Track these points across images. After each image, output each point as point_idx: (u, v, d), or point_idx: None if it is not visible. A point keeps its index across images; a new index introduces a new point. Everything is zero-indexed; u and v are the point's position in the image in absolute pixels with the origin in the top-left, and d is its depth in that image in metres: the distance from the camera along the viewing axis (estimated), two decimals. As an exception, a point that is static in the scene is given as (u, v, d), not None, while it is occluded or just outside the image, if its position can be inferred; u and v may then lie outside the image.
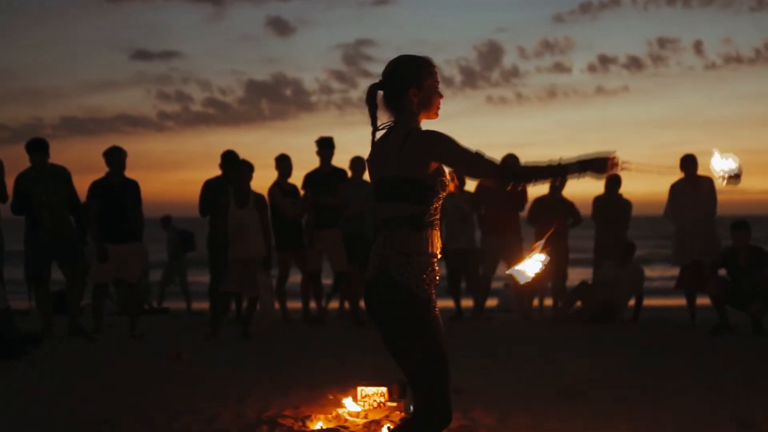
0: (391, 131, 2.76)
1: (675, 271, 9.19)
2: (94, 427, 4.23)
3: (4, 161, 7.04)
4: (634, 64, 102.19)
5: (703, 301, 8.47)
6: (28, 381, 5.42)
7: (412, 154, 2.66)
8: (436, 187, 2.70)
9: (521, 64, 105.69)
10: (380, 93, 2.80)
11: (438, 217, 2.76)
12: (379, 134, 2.80)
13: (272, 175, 8.32)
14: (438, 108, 2.81)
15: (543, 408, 4.55)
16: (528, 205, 8.81)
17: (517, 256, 8.47)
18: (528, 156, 9.49)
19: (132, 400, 4.78)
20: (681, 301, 8.95)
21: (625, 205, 9.03)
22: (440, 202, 2.76)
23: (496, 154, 2.87)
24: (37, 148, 7.16)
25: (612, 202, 8.92)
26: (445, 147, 2.67)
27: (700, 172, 8.08)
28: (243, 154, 7.96)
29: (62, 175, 7.24)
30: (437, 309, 2.77)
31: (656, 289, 14.88)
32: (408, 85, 2.74)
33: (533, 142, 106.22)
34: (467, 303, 9.29)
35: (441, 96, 2.82)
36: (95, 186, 7.26)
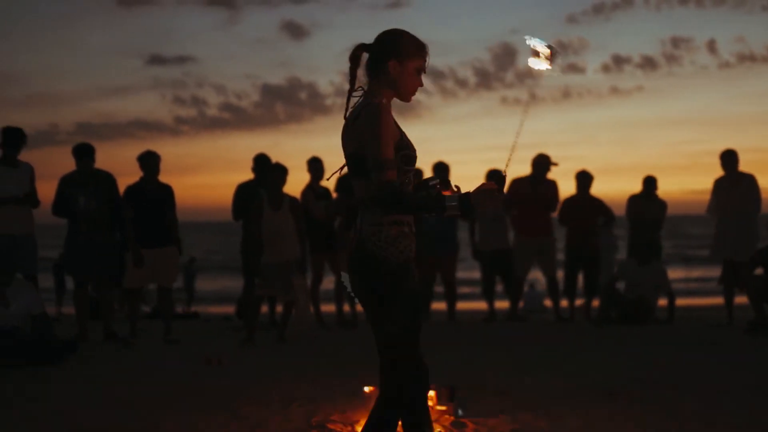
0: (359, 101, 2.73)
1: (695, 272, 9.12)
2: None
3: None
4: (648, 63, 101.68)
5: (741, 299, 8.37)
6: (67, 387, 5.40)
7: (363, 130, 2.64)
8: (398, 163, 2.66)
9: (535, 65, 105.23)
10: (365, 56, 2.75)
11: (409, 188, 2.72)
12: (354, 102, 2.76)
13: (299, 178, 8.31)
14: (413, 93, 2.77)
15: (592, 410, 4.48)
16: (559, 206, 8.74)
17: (549, 258, 8.53)
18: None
19: (175, 406, 4.75)
20: (705, 300, 8.89)
21: (661, 205, 8.94)
22: (408, 176, 2.73)
23: (513, 155, 2.83)
24: (82, 153, 7.21)
25: (648, 202, 8.84)
26: (366, 129, 2.61)
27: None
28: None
29: (106, 181, 7.28)
30: (416, 281, 2.82)
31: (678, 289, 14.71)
32: (391, 54, 2.69)
33: (548, 142, 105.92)
34: (500, 305, 9.24)
35: (421, 84, 2.78)
36: (130, 191, 7.27)
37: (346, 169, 2.87)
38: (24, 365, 5.97)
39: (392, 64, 2.70)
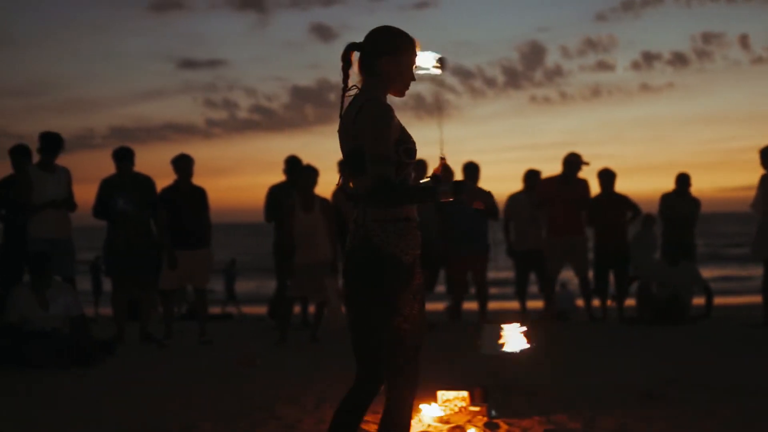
0: (355, 99, 2.75)
1: (728, 270, 8.98)
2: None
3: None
4: (679, 60, 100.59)
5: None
6: (104, 387, 5.50)
7: (362, 126, 2.65)
8: (399, 156, 2.68)
9: (564, 63, 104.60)
10: (357, 55, 2.77)
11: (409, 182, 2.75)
12: (348, 101, 2.77)
13: (330, 179, 8.36)
14: (407, 88, 2.80)
15: (627, 411, 4.45)
16: None
17: (580, 257, 8.47)
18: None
19: (212, 406, 4.81)
20: (740, 299, 8.76)
21: (694, 203, 8.85)
22: (408, 169, 2.74)
23: (542, 154, 2.87)
24: (122, 156, 7.34)
25: (681, 199, 8.76)
26: (366, 124, 2.63)
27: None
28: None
29: (145, 184, 7.39)
30: (419, 282, 2.81)
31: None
32: (384, 51, 2.71)
33: (577, 141, 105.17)
34: (534, 304, 9.22)
35: (414, 78, 2.79)
36: (164, 194, 7.37)
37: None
38: (62, 366, 6.08)
39: (386, 60, 2.73)
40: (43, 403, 5.04)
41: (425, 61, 2.82)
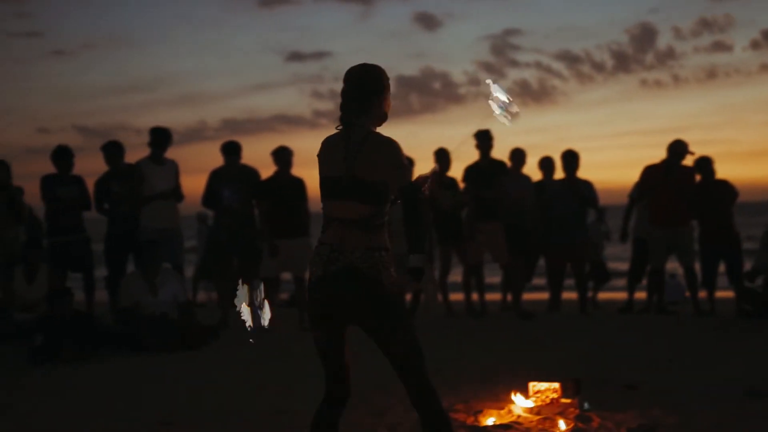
0: (351, 132, 2.93)
1: None
2: (273, 417, 4.43)
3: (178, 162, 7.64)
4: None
5: None
6: (206, 369, 5.75)
7: (370, 157, 2.86)
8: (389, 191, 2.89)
9: (677, 45, 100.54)
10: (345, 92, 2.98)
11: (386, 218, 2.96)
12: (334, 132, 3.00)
13: (426, 168, 8.36)
14: (384, 121, 3.04)
15: (727, 408, 4.30)
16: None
17: (686, 248, 8.15)
18: (687, 140, 8.79)
19: (306, 391, 4.95)
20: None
21: (724, 189, 8.30)
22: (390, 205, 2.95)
23: (652, 140, 2.79)
24: (229, 150, 7.64)
25: (710, 187, 8.23)
26: (390, 160, 2.87)
27: None
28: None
29: (251, 177, 7.67)
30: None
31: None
32: (379, 91, 2.97)
33: (692, 125, 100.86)
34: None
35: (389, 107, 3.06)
36: (264, 184, 7.60)
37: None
38: (170, 349, 6.39)
39: (380, 99, 2.98)
40: (151, 384, 5.33)
41: (495, 99, 2.97)
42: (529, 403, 4.41)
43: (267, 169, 7.67)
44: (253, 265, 7.59)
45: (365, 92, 2.97)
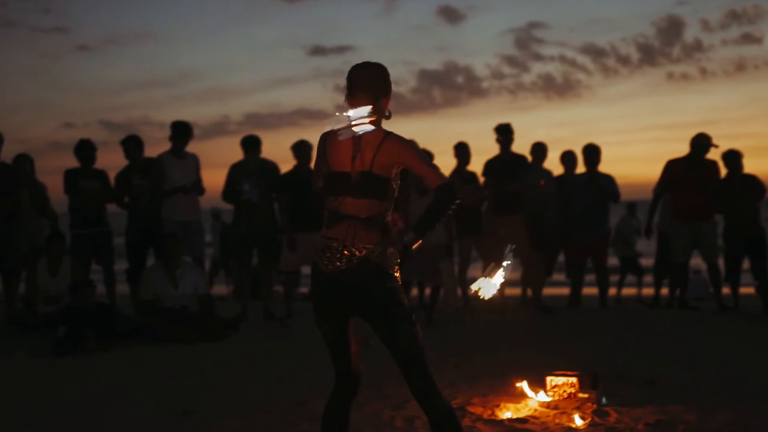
0: (361, 130, 2.95)
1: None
2: (291, 408, 4.46)
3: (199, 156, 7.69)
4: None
5: None
6: (226, 362, 5.79)
7: (391, 157, 2.91)
8: (395, 188, 2.99)
9: (705, 37, 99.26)
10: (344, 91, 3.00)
11: None
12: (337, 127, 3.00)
13: (446, 162, 8.37)
14: (390, 117, 3.10)
15: (747, 406, 4.25)
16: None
17: (709, 243, 8.07)
18: (715, 134, 8.61)
19: (326, 382, 4.96)
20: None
21: (751, 184, 8.16)
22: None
23: (679, 134, 2.76)
24: (249, 144, 7.70)
25: (737, 181, 8.10)
26: (408, 155, 2.93)
27: None
28: (417, 142, 8.05)
29: (270, 170, 7.70)
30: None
31: None
32: (386, 92, 3.02)
33: (720, 119, 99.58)
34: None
35: None
36: (284, 178, 7.63)
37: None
38: (190, 341, 6.45)
39: (386, 99, 3.04)
40: (171, 375, 5.38)
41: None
42: (546, 398, 4.39)
43: (289, 164, 7.70)
44: (272, 258, 7.64)
45: (376, 91, 2.99)
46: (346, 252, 2.93)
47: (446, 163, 8.50)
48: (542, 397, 4.41)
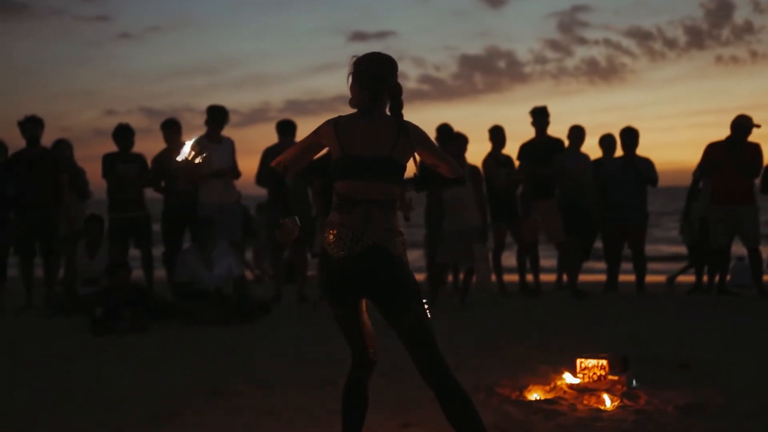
0: (375, 116, 3.01)
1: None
2: (319, 388, 4.49)
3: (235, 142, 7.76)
4: None
5: None
6: (258, 343, 5.86)
7: (407, 143, 2.98)
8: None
9: (756, 19, 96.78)
10: (349, 78, 3.04)
11: None
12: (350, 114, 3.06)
13: (488, 148, 8.31)
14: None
15: (780, 391, 4.17)
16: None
17: (749, 228, 7.89)
18: (765, 118, 8.33)
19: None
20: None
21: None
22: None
23: (728, 119, 2.71)
24: (284, 129, 7.76)
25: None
26: (426, 144, 3.05)
27: None
28: (458, 128, 8.03)
29: None
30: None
31: None
32: (393, 82, 3.05)
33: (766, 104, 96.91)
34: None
35: None
36: (318, 162, 7.63)
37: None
38: (224, 322, 6.54)
39: (389, 90, 3.06)
40: (204, 355, 5.47)
41: None
42: (576, 380, 4.36)
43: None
44: (307, 241, 7.68)
45: (385, 83, 3.03)
46: (357, 236, 2.95)
47: (482, 149, 8.44)
48: (571, 378, 4.38)
